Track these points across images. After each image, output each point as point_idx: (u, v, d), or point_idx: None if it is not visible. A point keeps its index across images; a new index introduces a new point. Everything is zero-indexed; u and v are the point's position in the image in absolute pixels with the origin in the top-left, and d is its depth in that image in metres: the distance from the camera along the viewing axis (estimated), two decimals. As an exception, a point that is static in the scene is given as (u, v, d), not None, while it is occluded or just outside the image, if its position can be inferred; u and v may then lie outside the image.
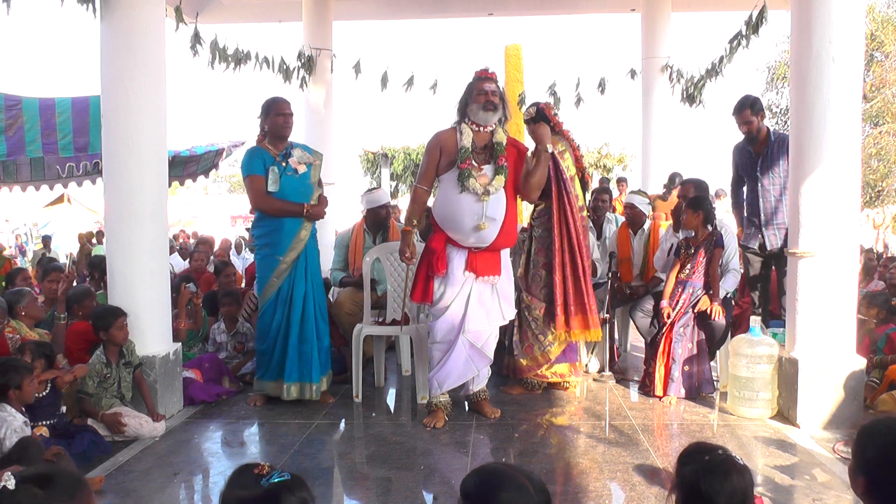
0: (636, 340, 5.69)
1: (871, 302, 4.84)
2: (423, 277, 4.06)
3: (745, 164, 4.90)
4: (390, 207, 5.42)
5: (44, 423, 3.45)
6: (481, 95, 3.98)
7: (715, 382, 4.64)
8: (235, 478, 1.51)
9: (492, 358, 4.18)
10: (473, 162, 3.95)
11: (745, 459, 1.71)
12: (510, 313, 4.22)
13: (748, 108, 4.67)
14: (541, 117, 4.64)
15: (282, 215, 4.30)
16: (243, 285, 6.73)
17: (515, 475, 1.49)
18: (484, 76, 4.05)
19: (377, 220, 5.20)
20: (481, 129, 4.01)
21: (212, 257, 8.07)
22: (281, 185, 4.27)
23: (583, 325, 4.46)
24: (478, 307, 4.04)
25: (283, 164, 4.31)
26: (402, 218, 5.07)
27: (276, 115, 4.30)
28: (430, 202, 4.37)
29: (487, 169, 3.98)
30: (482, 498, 1.46)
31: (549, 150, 4.17)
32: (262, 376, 4.46)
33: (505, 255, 4.16)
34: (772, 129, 4.67)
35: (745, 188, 4.99)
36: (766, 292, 5.04)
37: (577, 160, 4.63)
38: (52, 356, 3.72)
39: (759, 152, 4.74)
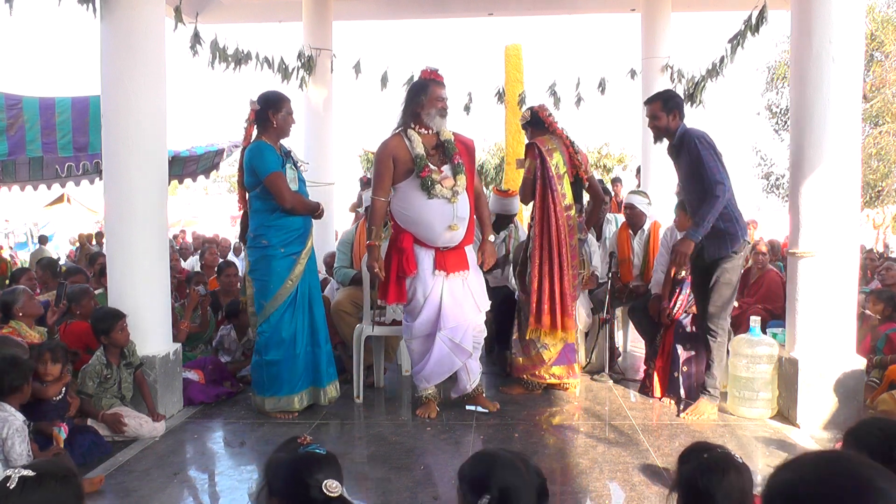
0: (636, 340, 5.69)
1: (878, 297, 4.85)
2: (394, 279, 4.05)
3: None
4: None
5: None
6: (439, 101, 4.01)
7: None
8: (282, 445, 1.73)
9: (471, 351, 4.18)
10: (432, 167, 3.96)
11: (745, 459, 1.71)
12: (485, 305, 4.24)
13: (658, 101, 4.12)
14: (535, 120, 4.67)
15: (306, 214, 4.21)
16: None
17: (510, 457, 1.57)
18: (439, 80, 4.07)
19: None
20: (429, 131, 4.04)
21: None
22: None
23: (551, 325, 4.45)
24: (452, 303, 4.06)
25: (292, 161, 4.22)
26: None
27: (287, 114, 4.16)
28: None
29: (446, 170, 4.01)
30: (478, 480, 1.54)
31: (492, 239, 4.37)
32: (282, 390, 4.13)
33: (469, 250, 4.20)
34: (687, 129, 4.05)
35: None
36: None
37: (571, 158, 4.61)
38: (73, 360, 3.72)
39: (673, 152, 4.21)
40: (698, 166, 3.93)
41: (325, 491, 1.52)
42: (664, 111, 4.06)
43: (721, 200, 3.87)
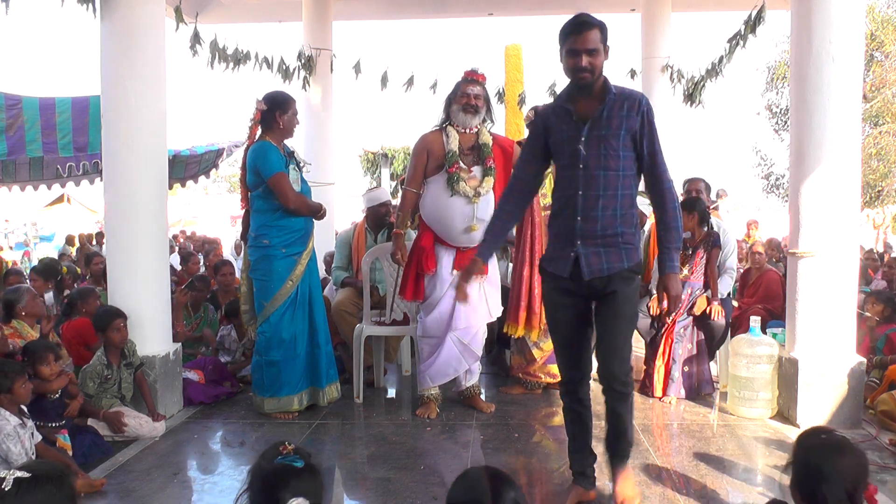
0: (636, 341, 5.67)
1: (878, 298, 4.86)
2: (413, 276, 4.10)
3: (559, 133, 2.80)
4: (390, 205, 5.43)
5: (55, 425, 3.43)
6: (464, 98, 4.02)
7: (715, 383, 4.64)
8: (266, 451, 1.65)
9: (480, 354, 4.24)
10: (462, 164, 3.99)
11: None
12: (497, 311, 4.27)
13: (597, 28, 2.71)
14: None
15: (309, 215, 4.21)
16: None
17: (479, 475, 1.56)
18: (471, 78, 4.08)
19: (377, 219, 5.22)
20: (466, 130, 4.06)
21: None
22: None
23: (526, 322, 4.46)
24: (466, 305, 4.06)
25: (295, 162, 4.22)
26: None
27: (293, 115, 4.17)
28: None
29: (476, 170, 4.02)
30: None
31: None
32: (282, 391, 4.13)
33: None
34: (631, 91, 2.83)
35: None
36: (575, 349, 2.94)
37: None
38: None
39: (589, 114, 2.73)
40: (645, 148, 2.77)
41: None
42: (604, 43, 2.75)
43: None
